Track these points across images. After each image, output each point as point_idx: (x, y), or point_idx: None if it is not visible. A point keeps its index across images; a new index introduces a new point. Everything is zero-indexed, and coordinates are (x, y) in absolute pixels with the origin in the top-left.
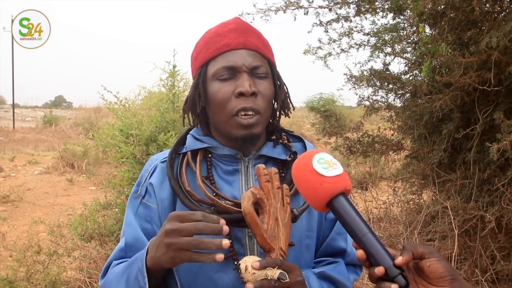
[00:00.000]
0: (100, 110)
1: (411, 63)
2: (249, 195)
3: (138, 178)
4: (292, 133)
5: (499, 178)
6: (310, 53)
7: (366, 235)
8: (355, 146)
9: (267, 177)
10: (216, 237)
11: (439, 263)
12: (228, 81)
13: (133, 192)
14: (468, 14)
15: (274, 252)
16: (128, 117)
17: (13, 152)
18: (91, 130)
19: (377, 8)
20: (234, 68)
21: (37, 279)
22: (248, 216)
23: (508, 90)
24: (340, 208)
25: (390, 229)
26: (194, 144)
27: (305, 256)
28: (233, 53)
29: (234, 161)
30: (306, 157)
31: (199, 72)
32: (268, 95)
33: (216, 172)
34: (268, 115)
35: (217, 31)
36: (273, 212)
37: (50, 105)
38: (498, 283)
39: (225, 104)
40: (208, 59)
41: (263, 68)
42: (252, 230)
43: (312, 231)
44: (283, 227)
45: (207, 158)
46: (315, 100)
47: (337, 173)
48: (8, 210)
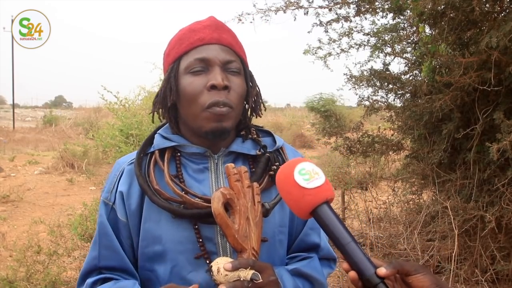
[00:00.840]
0: (100, 110)
1: (411, 63)
2: (219, 196)
3: (107, 184)
4: (261, 128)
5: (499, 178)
6: (310, 53)
7: (349, 244)
8: (355, 146)
9: (236, 176)
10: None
11: (424, 277)
12: (200, 75)
13: (103, 199)
14: (468, 14)
15: (246, 252)
16: (128, 117)
17: (13, 152)
18: (91, 130)
19: (377, 8)
20: (207, 61)
21: (37, 279)
22: (219, 217)
23: (508, 90)
24: (323, 216)
25: (390, 229)
26: (162, 143)
27: (278, 251)
28: (206, 47)
29: (203, 159)
30: (287, 168)
31: (171, 67)
32: (240, 92)
33: (186, 171)
34: (239, 112)
35: (190, 28)
36: (244, 212)
37: (50, 105)
38: (498, 283)
39: (197, 97)
40: (181, 53)
41: (236, 64)
42: (223, 231)
43: (284, 226)
44: (254, 226)
45: (175, 156)
46: (315, 100)
47: (318, 184)
48: (8, 210)
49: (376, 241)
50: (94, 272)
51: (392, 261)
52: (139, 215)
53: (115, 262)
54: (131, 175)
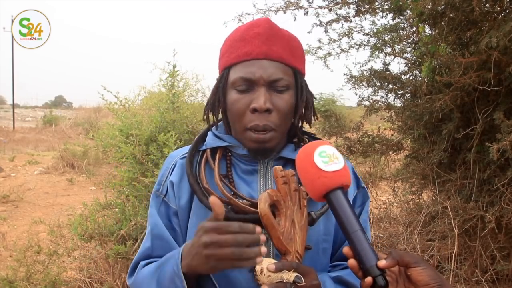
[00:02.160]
0: (100, 110)
1: (411, 63)
2: (265, 197)
3: (159, 176)
4: (314, 136)
5: (499, 178)
6: (310, 53)
7: (356, 232)
8: (355, 146)
9: (284, 179)
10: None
11: (425, 272)
12: (245, 93)
13: (155, 191)
14: (468, 14)
15: (290, 255)
16: (128, 117)
17: (13, 152)
18: (91, 130)
19: (377, 8)
20: (252, 81)
21: (37, 279)
22: (265, 218)
23: (508, 90)
24: (336, 202)
25: (390, 229)
26: (214, 141)
27: (321, 259)
28: (253, 63)
29: (253, 161)
30: (309, 148)
31: (220, 75)
32: (285, 110)
33: (235, 171)
34: (284, 129)
35: (242, 35)
36: (290, 215)
37: (50, 105)
38: (498, 283)
39: (240, 117)
40: (230, 64)
41: (284, 81)
42: (268, 232)
43: (329, 235)
44: (299, 230)
45: (226, 156)
46: (315, 100)
47: (336, 168)
48: (8, 210)
49: (376, 241)
50: (147, 260)
51: (391, 252)
52: (188, 210)
53: (167, 251)
54: (183, 168)
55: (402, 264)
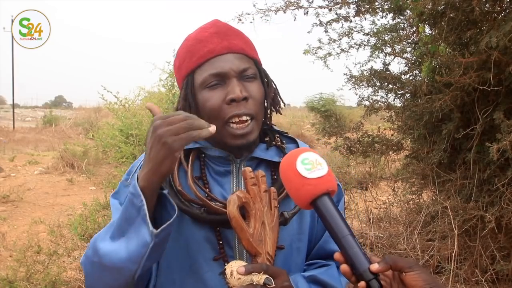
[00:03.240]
0: (100, 110)
1: (411, 63)
2: (234, 199)
3: (129, 168)
4: (286, 134)
5: (499, 178)
6: (310, 53)
7: (346, 237)
8: (355, 146)
9: (253, 180)
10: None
11: (419, 276)
12: (217, 88)
13: (123, 180)
14: (468, 14)
15: (261, 257)
16: (128, 117)
17: (13, 152)
18: (91, 130)
19: (377, 8)
20: (222, 74)
21: (37, 279)
22: (234, 220)
23: (508, 90)
24: (323, 208)
25: (390, 229)
26: None
27: (295, 259)
28: (218, 58)
29: (226, 163)
30: (291, 156)
31: (185, 82)
32: (259, 97)
33: (209, 172)
34: (261, 117)
35: (197, 37)
36: (260, 216)
37: (50, 105)
38: (498, 283)
39: (217, 112)
40: (193, 68)
41: (251, 70)
42: (238, 235)
43: (303, 234)
44: (270, 231)
45: (200, 157)
46: (315, 100)
47: (320, 175)
48: (8, 210)
49: (376, 241)
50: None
51: (385, 257)
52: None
53: None
54: None
55: (396, 268)
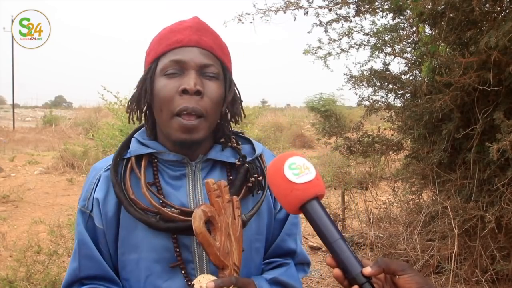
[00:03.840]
0: (100, 110)
1: (411, 63)
2: (200, 214)
3: (83, 192)
4: (241, 135)
5: (499, 178)
6: (310, 53)
7: (337, 241)
8: (355, 146)
9: (217, 192)
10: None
11: (412, 279)
12: (174, 78)
13: (80, 207)
14: (468, 14)
15: (228, 269)
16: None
17: (13, 152)
18: (91, 130)
19: (377, 8)
20: (182, 63)
21: (37, 279)
22: (200, 236)
23: (508, 90)
24: (312, 212)
25: (390, 229)
26: (138, 149)
27: (254, 259)
28: (184, 49)
29: (181, 166)
30: (278, 162)
31: (148, 67)
32: (215, 97)
33: (163, 177)
34: (214, 119)
35: (172, 28)
36: (225, 228)
37: (50, 105)
38: (498, 283)
39: (168, 102)
40: (159, 54)
41: (214, 68)
42: (205, 249)
43: (261, 234)
44: (235, 242)
45: (153, 163)
46: (315, 100)
47: (308, 179)
48: (8, 210)
49: (376, 241)
50: (76, 283)
51: (378, 260)
52: (116, 223)
53: (96, 271)
54: (108, 182)
55: (389, 272)
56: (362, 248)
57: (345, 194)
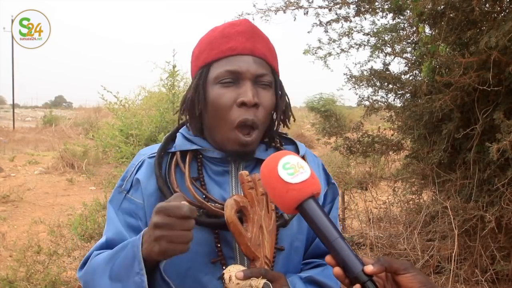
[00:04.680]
0: (100, 110)
1: (411, 63)
2: (231, 203)
3: (124, 173)
4: (285, 136)
5: (499, 178)
6: (310, 53)
7: (336, 240)
8: (355, 146)
9: (250, 184)
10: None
11: (414, 278)
12: (230, 87)
13: (117, 187)
14: (468, 14)
15: (259, 261)
16: (128, 117)
17: (13, 152)
18: (91, 130)
19: (377, 8)
20: (238, 74)
21: (37, 279)
22: (232, 225)
23: (508, 90)
24: (310, 212)
25: (390, 229)
26: (184, 144)
27: (294, 259)
28: (238, 58)
29: (225, 162)
30: (271, 162)
31: (199, 72)
32: (269, 107)
33: (206, 172)
34: (265, 127)
35: (223, 32)
36: (257, 220)
37: (50, 105)
38: (498, 283)
39: (226, 113)
40: (211, 60)
41: (267, 77)
42: (236, 239)
43: (302, 233)
44: (267, 235)
45: (197, 158)
46: (315, 100)
47: (303, 178)
48: (8, 210)
49: (376, 241)
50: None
51: (379, 258)
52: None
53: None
54: (151, 169)
55: (391, 270)
56: (362, 248)
57: (345, 194)
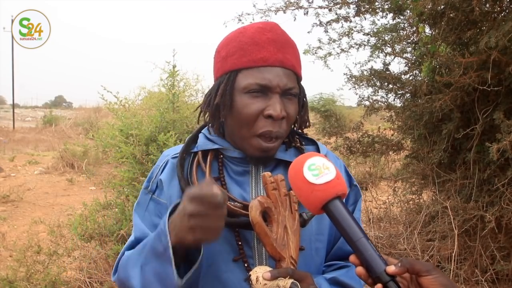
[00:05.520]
0: (100, 110)
1: (411, 63)
2: (256, 205)
3: (149, 174)
4: (305, 136)
5: (499, 178)
6: (310, 53)
7: (360, 240)
8: (355, 146)
9: (273, 185)
10: None
11: (437, 280)
12: (258, 98)
13: (144, 188)
14: (468, 14)
15: (285, 261)
16: (128, 117)
17: (13, 152)
18: (91, 130)
19: (377, 8)
20: (268, 88)
21: (37, 279)
22: (257, 226)
23: (508, 90)
24: (335, 212)
25: (390, 229)
26: (205, 144)
27: (315, 259)
28: (269, 70)
29: (245, 162)
30: (297, 164)
31: (227, 77)
32: (293, 117)
33: (227, 172)
34: (286, 135)
35: (254, 39)
36: (282, 220)
37: (50, 105)
38: (498, 283)
39: (251, 122)
40: (241, 67)
41: (295, 90)
42: (261, 240)
43: (322, 234)
44: (292, 235)
45: (218, 158)
46: (315, 100)
47: (328, 179)
48: (8, 210)
49: (376, 241)
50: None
51: (402, 259)
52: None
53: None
54: (174, 169)
55: (413, 272)
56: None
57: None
